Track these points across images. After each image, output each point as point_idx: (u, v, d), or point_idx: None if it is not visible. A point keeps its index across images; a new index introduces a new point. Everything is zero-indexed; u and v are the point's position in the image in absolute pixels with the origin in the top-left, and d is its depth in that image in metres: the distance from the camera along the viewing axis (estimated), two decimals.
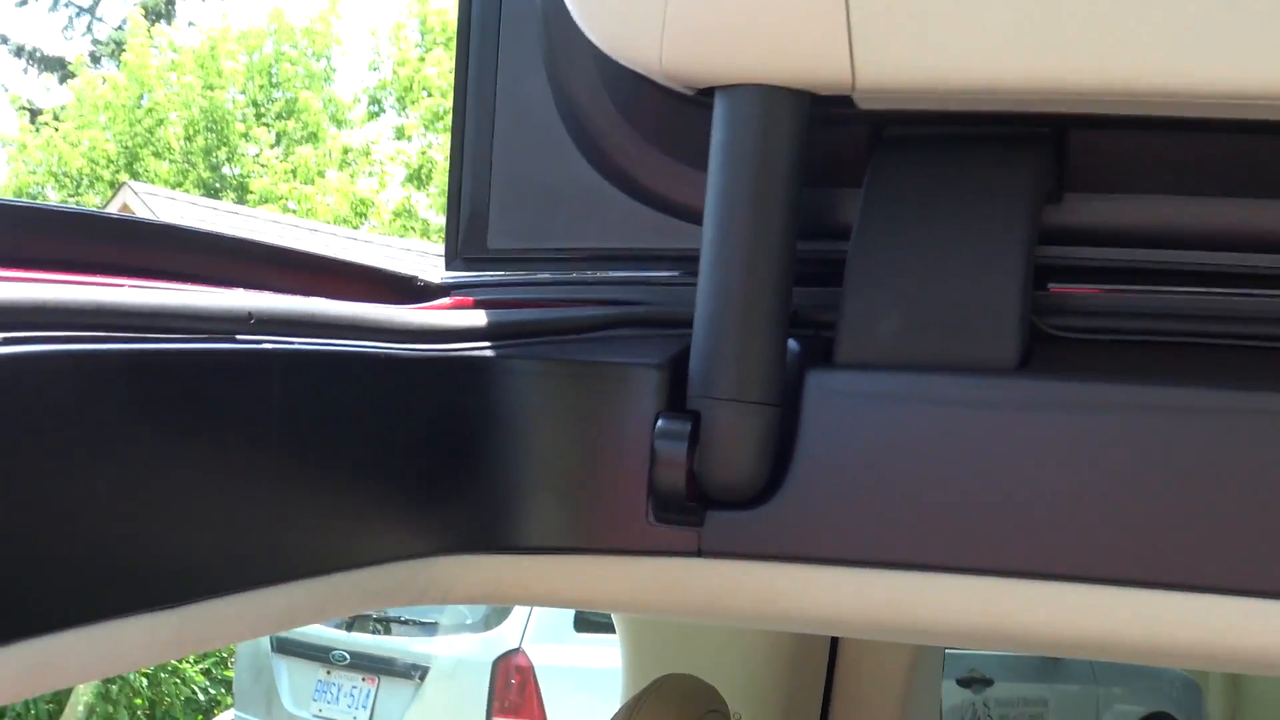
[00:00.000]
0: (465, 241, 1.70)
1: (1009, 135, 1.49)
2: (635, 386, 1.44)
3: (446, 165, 1.75)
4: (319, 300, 1.33)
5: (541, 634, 8.79)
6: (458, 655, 8.87)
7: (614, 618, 2.70)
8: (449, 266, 1.71)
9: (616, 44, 1.43)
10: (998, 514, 1.35)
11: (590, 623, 8.58)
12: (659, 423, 1.42)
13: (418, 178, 24.75)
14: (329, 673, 9.25)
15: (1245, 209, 1.47)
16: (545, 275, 1.66)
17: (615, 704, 1.96)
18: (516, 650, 8.74)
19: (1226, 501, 1.30)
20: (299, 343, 1.25)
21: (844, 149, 1.54)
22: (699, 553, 1.42)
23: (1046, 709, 10.72)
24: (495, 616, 8.86)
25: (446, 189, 1.73)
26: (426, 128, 25.04)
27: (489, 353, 1.45)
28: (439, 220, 22.86)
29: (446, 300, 1.59)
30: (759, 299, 1.40)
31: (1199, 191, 1.49)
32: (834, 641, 2.63)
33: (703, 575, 1.43)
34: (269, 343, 1.22)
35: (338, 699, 9.19)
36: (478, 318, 1.48)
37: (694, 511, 1.42)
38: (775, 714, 2.57)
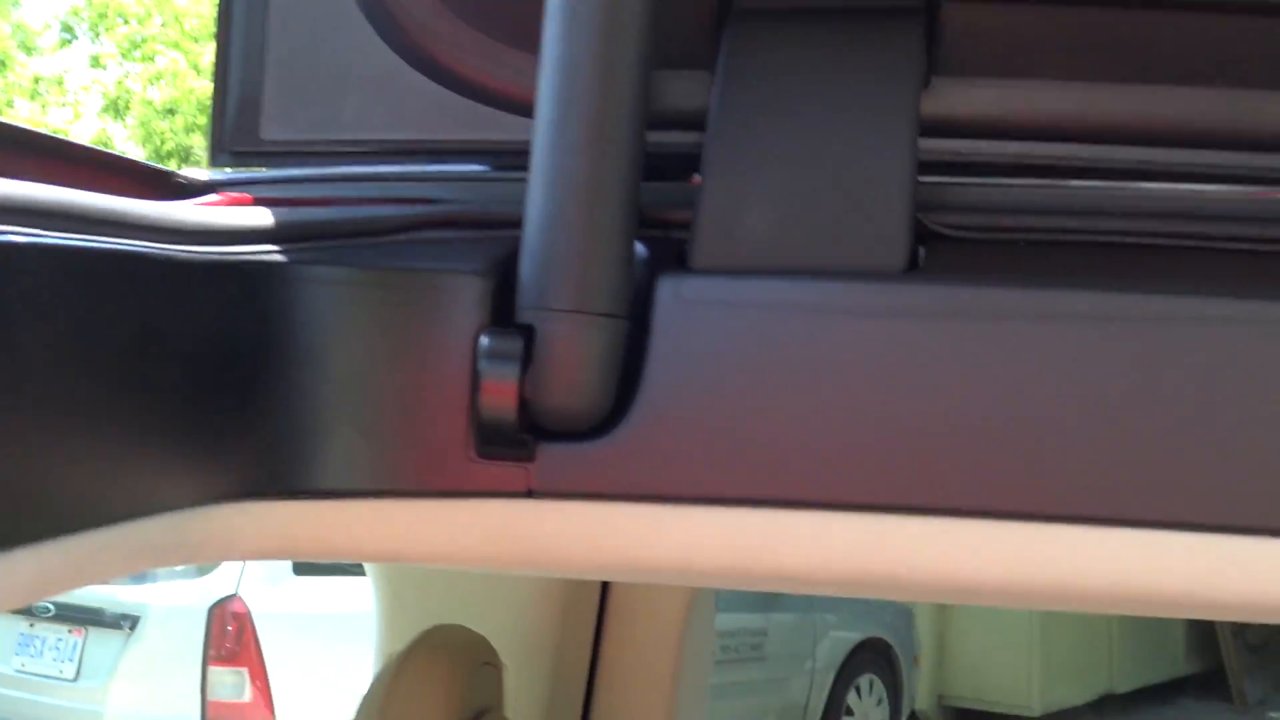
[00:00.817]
0: (234, 132, 1.44)
1: (876, 8, 1.31)
2: (454, 297, 1.21)
3: (144, 97, 1.47)
4: (66, 190, 1.07)
5: (259, 578, 8.48)
6: (170, 603, 8.49)
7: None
8: (213, 162, 1.45)
9: None
10: (883, 441, 1.17)
11: (310, 565, 8.31)
12: (483, 340, 1.20)
13: (114, 109, 23.70)
14: (31, 625, 8.76)
15: (1138, 96, 1.32)
16: (333, 171, 1.41)
17: (337, 650, 1.73)
18: (232, 596, 8.42)
19: (1141, 421, 1.14)
20: (45, 236, 1.00)
21: (689, 25, 1.34)
22: (530, 493, 1.21)
23: (765, 639, 10.83)
24: None
25: (212, 79, 1.47)
26: (124, 56, 24.00)
27: (276, 257, 1.21)
28: (140, 153, 21.95)
29: (215, 198, 1.34)
30: (604, 193, 1.19)
31: (1087, 77, 1.33)
32: (605, 584, 2.45)
33: (535, 519, 1.22)
34: (7, 233, 0.96)
35: (41, 652, 8.70)
36: (259, 216, 1.24)
37: (525, 445, 1.21)
38: (545, 663, 2.39)
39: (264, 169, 1.45)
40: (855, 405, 1.17)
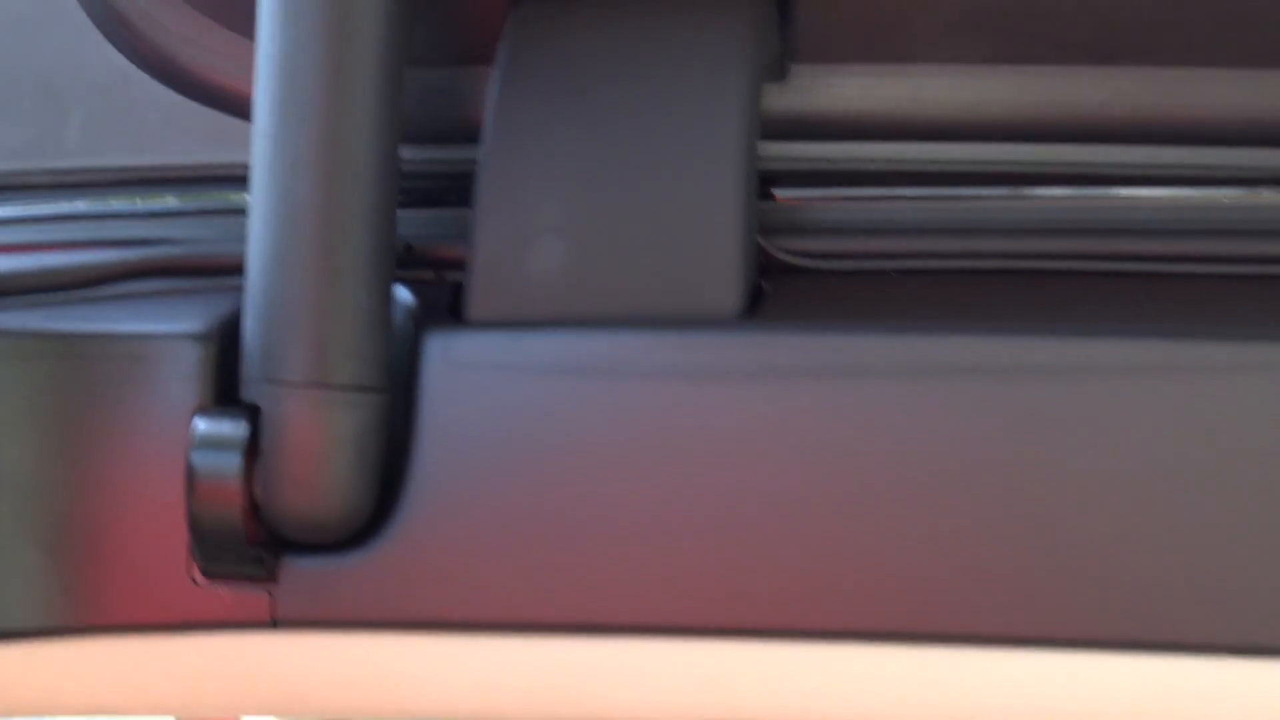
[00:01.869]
0: None
1: None
2: (162, 368, 0.93)
3: None
4: None
5: None
6: None
7: None
8: None
9: None
10: (712, 546, 0.89)
11: None
12: (197, 423, 0.91)
13: None
14: None
15: (1046, 80, 1.04)
16: (35, 209, 1.12)
17: None
18: None
19: (1042, 511, 0.87)
20: None
21: (465, 9, 1.06)
22: (274, 623, 0.92)
23: None
24: None
25: None
26: None
27: None
28: None
29: None
30: (345, 226, 0.90)
31: (980, 58, 1.04)
32: None
33: (281, 655, 0.94)
34: None
35: None
36: None
37: (262, 561, 0.92)
38: None
39: None
40: (681, 498, 0.89)
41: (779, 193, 1.03)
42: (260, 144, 0.91)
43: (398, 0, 0.91)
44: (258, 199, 0.91)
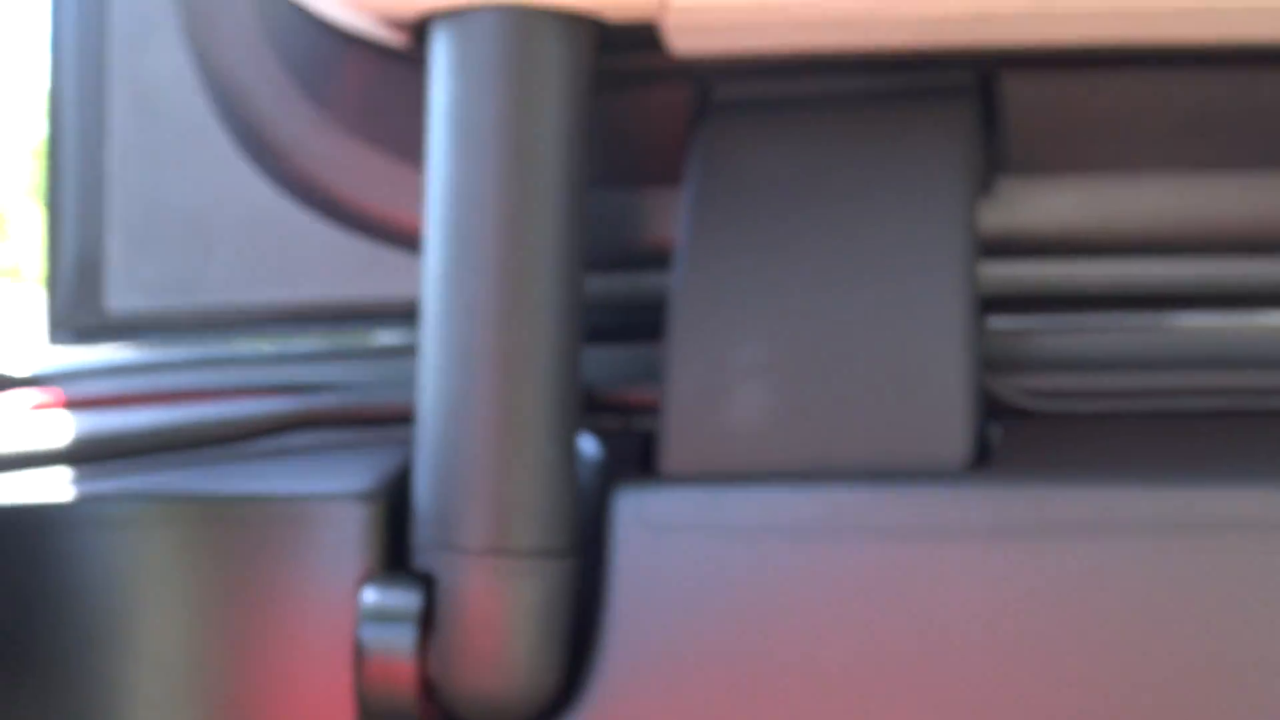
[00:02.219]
0: (71, 303, 1.08)
1: (905, 90, 0.93)
2: (323, 533, 0.84)
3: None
4: None
5: None
6: None
7: None
8: (53, 340, 1.09)
9: None
10: None
11: None
12: (366, 594, 0.82)
13: None
14: None
15: (1262, 187, 0.93)
16: (181, 352, 1.04)
17: None
18: None
19: None
20: None
21: (650, 125, 0.97)
22: None
23: None
24: None
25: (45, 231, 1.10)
26: None
27: (58, 493, 0.84)
28: None
29: (28, 399, 0.97)
30: (528, 372, 0.81)
31: (1194, 164, 0.94)
32: None
33: None
34: None
35: None
36: (48, 431, 0.87)
37: None
38: None
39: (113, 348, 1.08)
40: (907, 672, 0.78)
41: (992, 320, 0.92)
42: (431, 281, 0.82)
43: (580, 119, 0.82)
44: (428, 342, 0.82)
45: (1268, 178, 0.94)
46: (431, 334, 0.81)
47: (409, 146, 1.00)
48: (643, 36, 0.86)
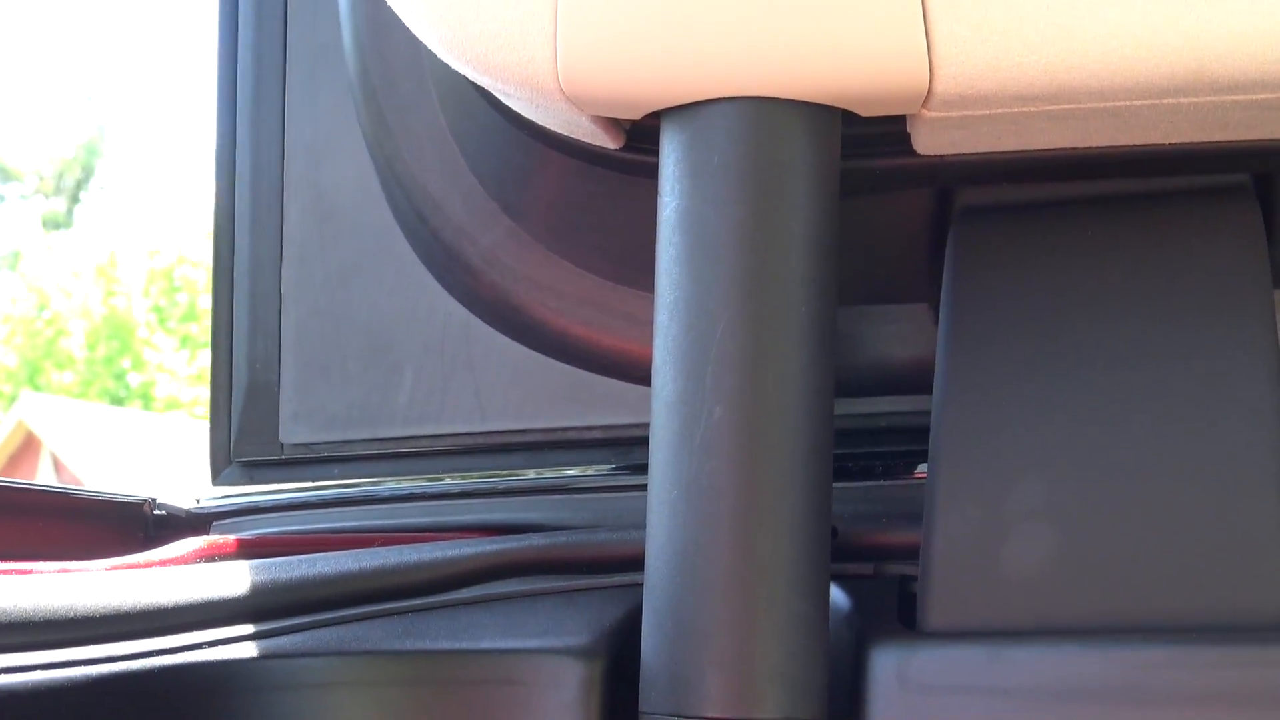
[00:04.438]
0: (242, 435, 0.99)
1: (1171, 191, 0.82)
2: (538, 694, 0.74)
3: None
4: None
5: None
6: None
7: None
8: (217, 479, 1.00)
9: (484, 54, 0.76)
10: None
11: None
12: None
13: None
14: None
15: None
16: (369, 489, 0.95)
17: None
18: None
19: None
20: None
21: (889, 238, 0.87)
22: None
23: None
24: None
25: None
26: None
27: (241, 651, 0.75)
28: None
29: (198, 543, 0.89)
30: (774, 517, 0.71)
31: None
32: None
33: None
34: None
35: None
36: (225, 580, 0.78)
37: None
38: None
39: (284, 486, 0.99)
40: None
41: None
42: (663, 409, 0.72)
43: (830, 226, 0.73)
44: (659, 478, 0.72)
45: None
46: (663, 470, 0.72)
47: (612, 262, 0.91)
48: (887, 135, 0.77)
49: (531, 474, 0.93)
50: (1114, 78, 0.69)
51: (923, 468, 0.81)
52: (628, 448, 0.83)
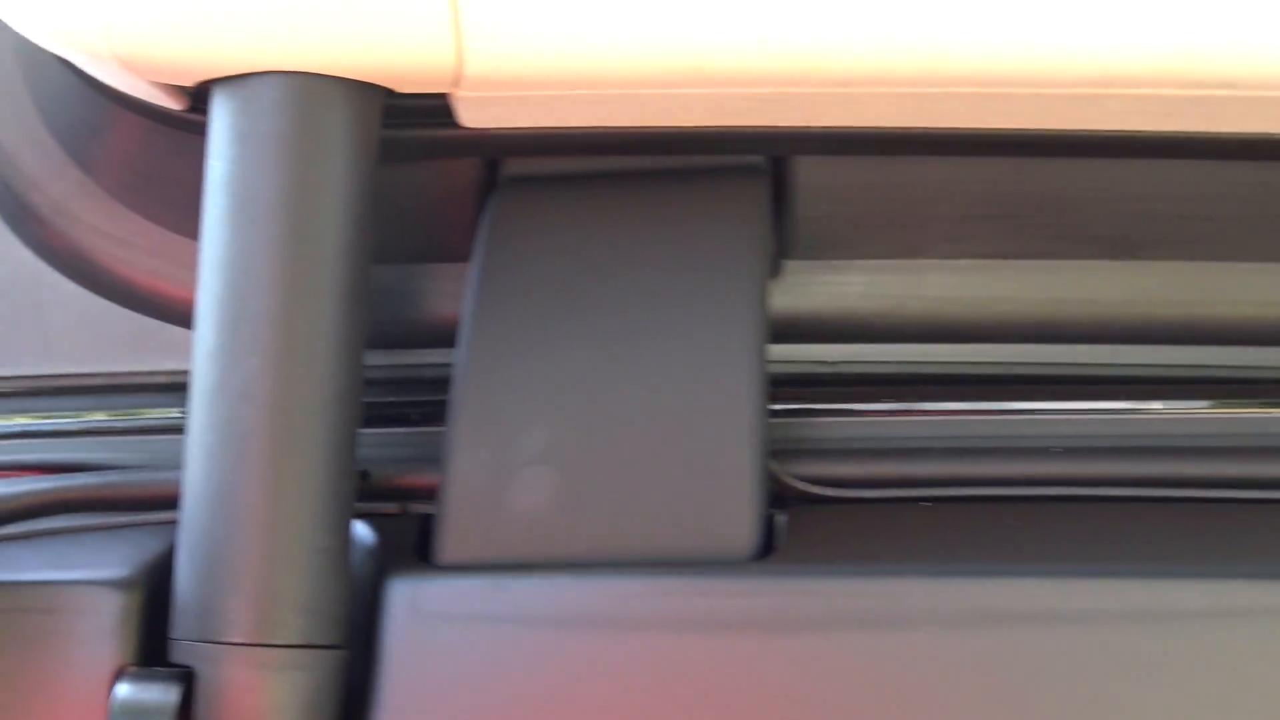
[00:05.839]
0: None
1: (700, 169, 0.92)
2: (75, 622, 0.79)
3: None
4: None
5: None
6: None
7: None
8: None
9: (42, 18, 0.80)
10: None
11: None
12: (119, 689, 0.77)
13: None
14: None
15: (1041, 275, 0.94)
16: None
17: None
18: None
19: None
20: None
21: (440, 200, 0.94)
22: None
23: None
24: None
25: None
26: None
27: None
28: None
29: None
30: (301, 455, 0.77)
31: (976, 253, 0.94)
32: None
33: None
34: None
35: None
36: None
37: None
38: None
39: None
40: None
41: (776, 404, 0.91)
42: (202, 357, 0.78)
43: (364, 193, 0.79)
44: (196, 421, 0.78)
45: (1050, 265, 0.94)
46: (200, 413, 0.77)
47: (178, 216, 0.96)
48: (432, 108, 0.84)
49: (101, 415, 0.98)
50: (626, 68, 0.78)
51: None
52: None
